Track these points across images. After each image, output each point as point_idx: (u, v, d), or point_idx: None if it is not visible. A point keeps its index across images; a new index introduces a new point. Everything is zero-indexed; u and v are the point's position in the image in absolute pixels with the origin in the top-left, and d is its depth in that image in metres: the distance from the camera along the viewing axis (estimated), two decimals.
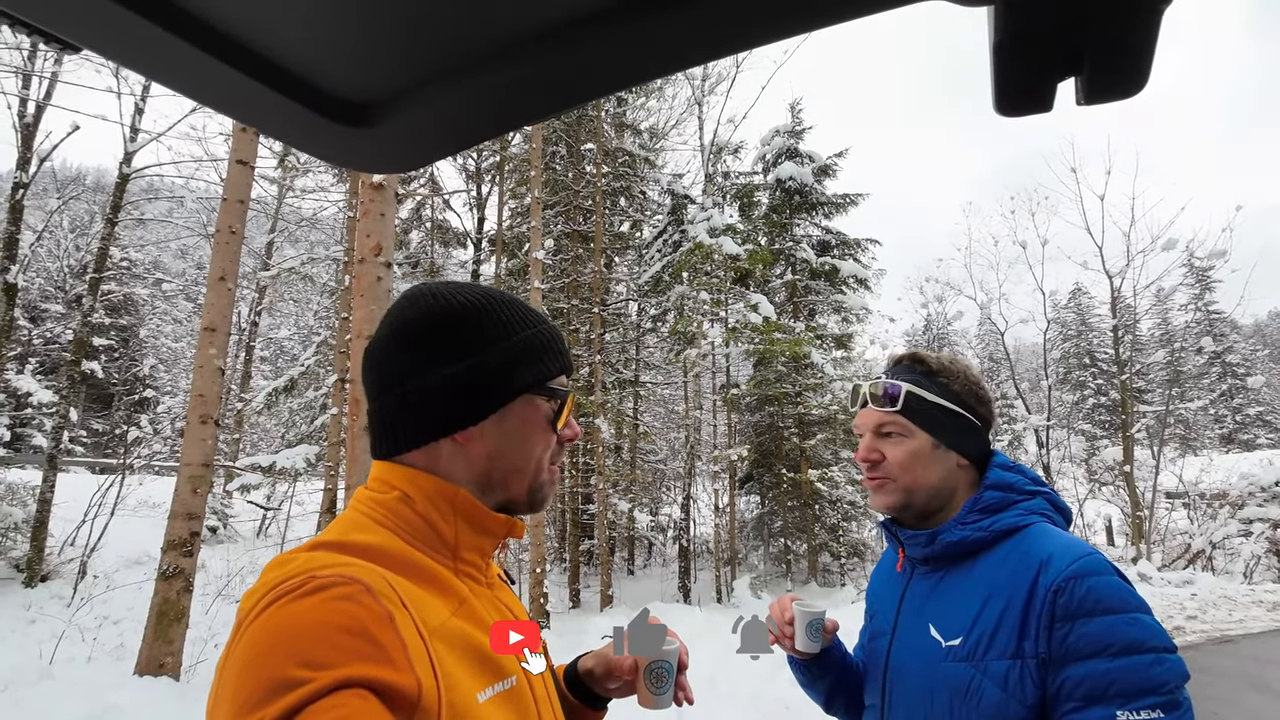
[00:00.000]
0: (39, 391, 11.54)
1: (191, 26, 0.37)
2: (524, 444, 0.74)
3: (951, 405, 1.07)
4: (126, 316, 24.61)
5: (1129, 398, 14.10)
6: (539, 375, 0.74)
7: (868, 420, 1.12)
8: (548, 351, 0.76)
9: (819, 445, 12.57)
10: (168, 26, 0.36)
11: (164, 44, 0.37)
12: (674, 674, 0.86)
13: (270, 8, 0.38)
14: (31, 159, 8.88)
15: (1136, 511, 12.75)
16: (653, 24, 0.37)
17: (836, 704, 1.24)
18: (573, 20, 0.38)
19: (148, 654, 5.19)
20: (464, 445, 0.71)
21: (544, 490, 0.77)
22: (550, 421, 0.76)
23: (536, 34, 0.40)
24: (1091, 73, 0.33)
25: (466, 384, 0.70)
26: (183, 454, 5.57)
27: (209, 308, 5.85)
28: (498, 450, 0.73)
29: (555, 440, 0.78)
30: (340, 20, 0.39)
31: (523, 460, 0.74)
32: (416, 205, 14.72)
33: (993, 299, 16.28)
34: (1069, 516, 1.08)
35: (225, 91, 0.43)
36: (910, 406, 1.07)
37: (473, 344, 0.71)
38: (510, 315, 0.75)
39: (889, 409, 1.08)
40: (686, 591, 11.56)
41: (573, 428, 0.80)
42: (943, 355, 1.13)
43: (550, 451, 0.77)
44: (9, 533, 8.92)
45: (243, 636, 0.53)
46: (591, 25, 0.38)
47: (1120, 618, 0.87)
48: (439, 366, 0.70)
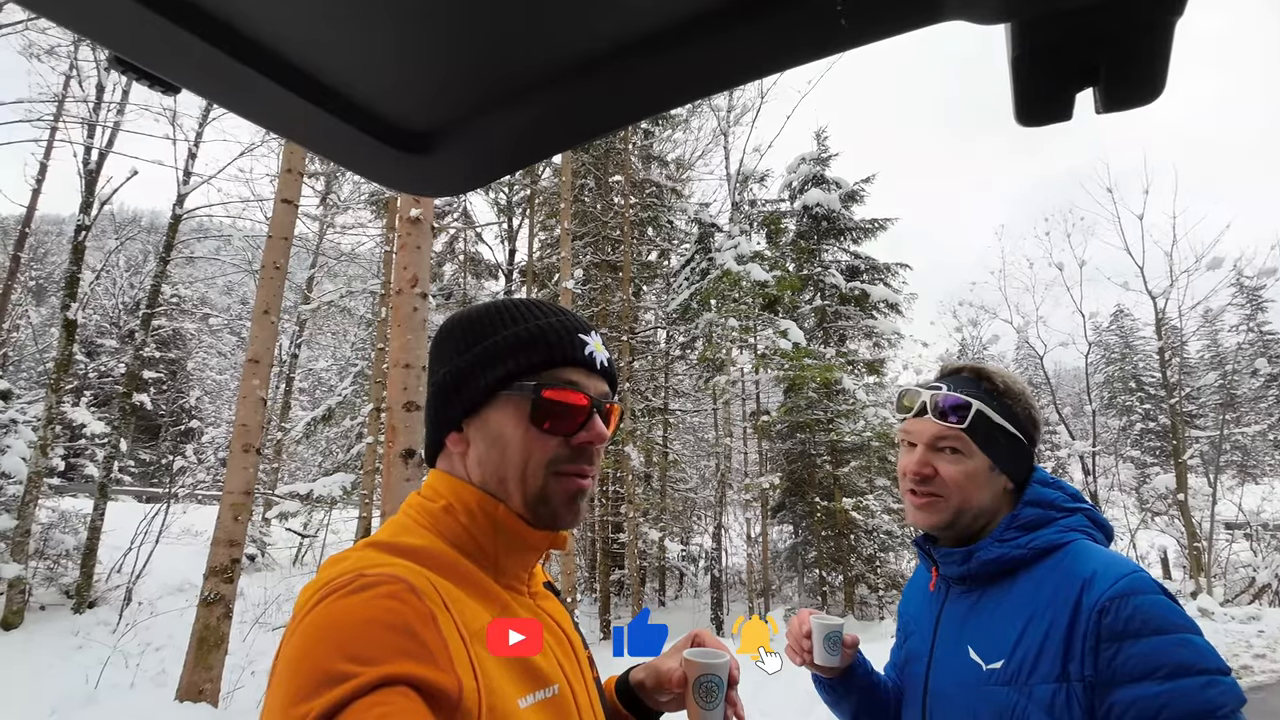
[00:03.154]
0: (92, 423, 12.05)
1: (278, 67, 0.42)
2: (504, 447, 0.69)
3: (1013, 429, 1.03)
4: (175, 350, 25.62)
5: (1179, 423, 13.51)
6: (510, 371, 0.69)
7: (924, 431, 1.06)
8: (531, 346, 0.70)
9: (853, 473, 12.30)
10: (258, 68, 0.41)
11: (253, 83, 0.42)
12: (724, 689, 0.83)
13: (347, 50, 0.42)
14: (93, 203, 9.42)
15: (1194, 543, 12.10)
16: (693, 50, 0.40)
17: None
18: (615, 51, 0.41)
19: (188, 680, 5.28)
20: (455, 452, 0.73)
21: (551, 501, 0.70)
22: (530, 419, 0.69)
23: (580, 65, 0.43)
24: (1108, 83, 0.35)
25: (441, 390, 0.73)
26: (226, 482, 5.74)
27: (254, 340, 6.07)
28: (484, 456, 0.70)
29: (555, 442, 0.69)
30: (402, 57, 0.43)
31: (505, 465, 0.69)
32: (450, 238, 15.14)
33: (1030, 322, 15.88)
34: (1110, 534, 1.04)
35: (301, 124, 0.48)
36: (975, 425, 1.02)
37: (454, 351, 0.73)
38: (500, 318, 0.73)
39: (954, 424, 1.02)
40: (719, 623, 11.31)
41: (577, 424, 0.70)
42: (1005, 374, 1.08)
43: (549, 455, 0.69)
44: (60, 560, 9.24)
45: (296, 629, 0.56)
46: (630, 56, 0.41)
47: (1169, 638, 0.83)
48: (433, 377, 0.75)
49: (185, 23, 0.37)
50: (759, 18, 0.38)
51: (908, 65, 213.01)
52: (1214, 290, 15.11)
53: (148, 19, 0.36)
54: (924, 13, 0.36)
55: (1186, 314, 14.15)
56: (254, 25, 0.39)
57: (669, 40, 0.40)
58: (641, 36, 0.40)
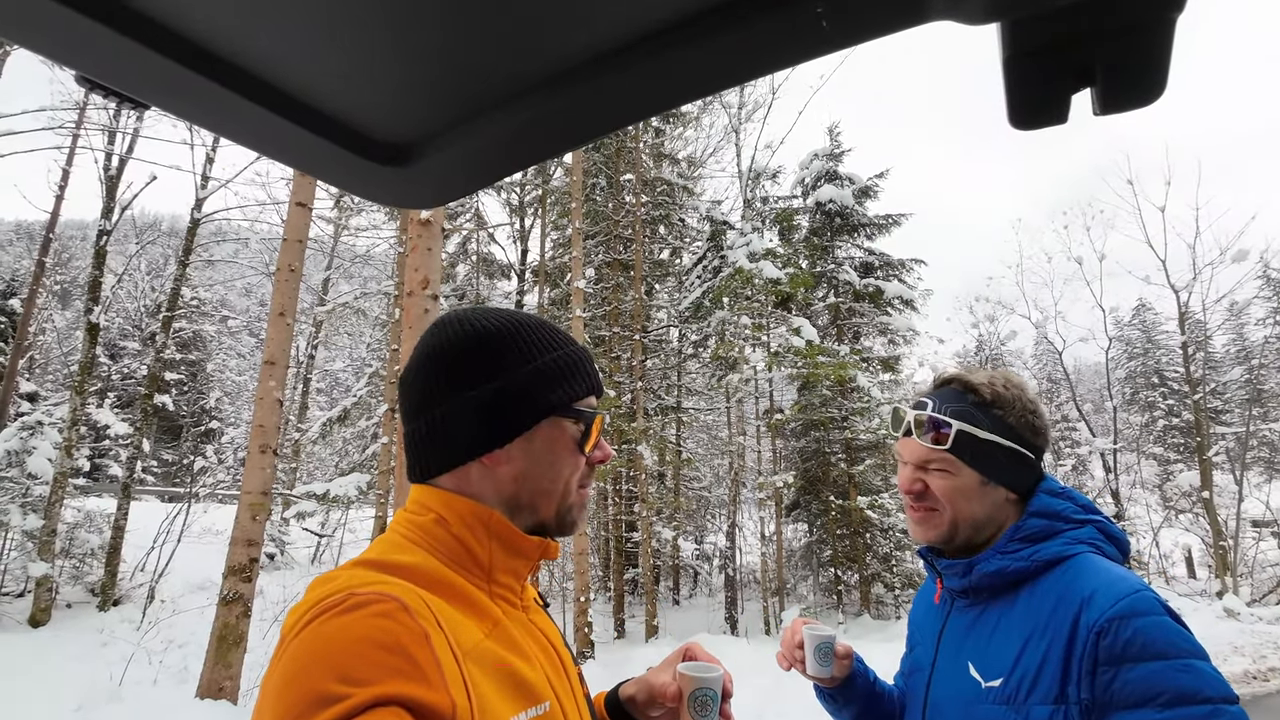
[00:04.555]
0: (116, 424, 12.30)
1: (247, 83, 0.41)
2: (551, 466, 0.74)
3: (1005, 441, 0.99)
4: (195, 352, 26.04)
5: (1204, 419, 13.24)
6: (565, 397, 0.74)
7: (911, 452, 1.05)
8: (575, 373, 0.76)
9: (868, 471, 12.20)
10: (227, 84, 0.41)
11: (222, 100, 0.42)
12: (719, 702, 0.83)
13: (314, 65, 0.42)
14: (114, 208, 9.59)
15: (1219, 541, 11.86)
16: (668, 60, 0.39)
17: None
18: (594, 59, 0.40)
19: (208, 677, 5.37)
20: (492, 468, 0.72)
21: (573, 513, 0.77)
22: (578, 443, 0.76)
23: (552, 76, 0.42)
24: (1105, 84, 0.33)
25: (491, 407, 0.71)
26: (244, 482, 5.82)
27: (270, 342, 6.15)
28: (525, 473, 0.73)
29: (584, 463, 0.77)
30: (374, 69, 0.43)
31: (550, 482, 0.74)
32: (463, 240, 15.21)
33: (1048, 317, 15.68)
34: (1125, 548, 1.00)
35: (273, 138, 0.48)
36: (960, 444, 0.99)
37: (497, 368, 0.72)
38: (536, 338, 0.75)
39: (937, 448, 1.00)
40: (734, 622, 11.27)
41: (603, 450, 0.79)
42: (995, 379, 1.03)
43: (579, 474, 0.77)
44: (86, 558, 9.43)
45: (285, 651, 0.55)
46: (608, 63, 0.40)
47: (1171, 664, 0.80)
48: (464, 391, 0.71)
49: (148, 41, 0.36)
50: (738, 22, 0.37)
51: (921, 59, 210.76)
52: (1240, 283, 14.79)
53: (109, 39, 0.36)
54: (908, 13, 0.35)
55: (1211, 308, 13.87)
56: (219, 40, 0.38)
57: (650, 47, 0.39)
58: (620, 44, 0.39)
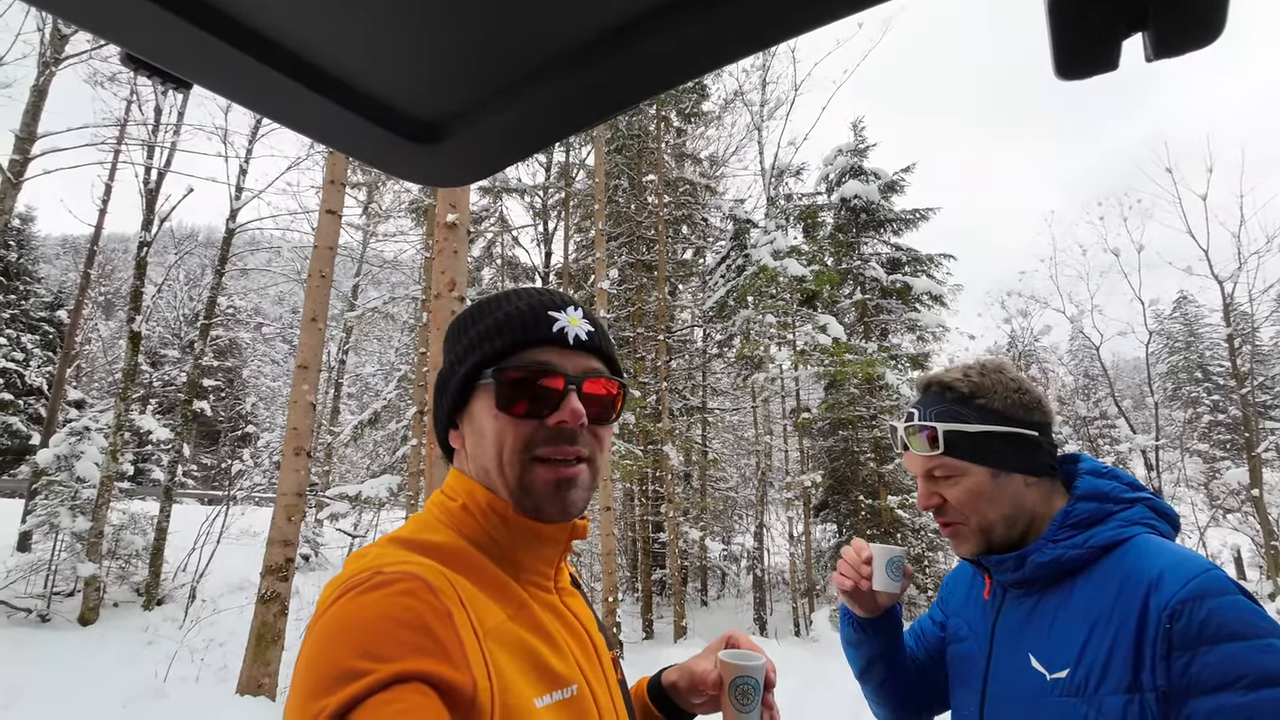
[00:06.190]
0: (158, 429, 12.70)
1: (287, 60, 0.42)
2: (482, 436, 0.69)
3: (998, 428, 0.98)
4: (231, 359, 26.80)
5: (1252, 414, 12.74)
6: (481, 360, 0.69)
7: (915, 465, 1.04)
8: (499, 332, 0.70)
9: (898, 470, 11.99)
10: (268, 61, 0.41)
11: (262, 76, 0.42)
12: (760, 691, 0.81)
13: (352, 41, 0.42)
14: (153, 220, 9.92)
15: (1270, 541, 11.39)
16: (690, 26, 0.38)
17: (872, 674, 1.17)
18: (630, 23, 0.40)
19: (248, 674, 5.50)
20: (461, 450, 0.75)
21: (532, 491, 0.67)
22: (499, 404, 0.67)
23: (582, 48, 0.42)
24: (1158, 25, 0.31)
25: (439, 389, 0.76)
26: (279, 484, 5.96)
27: (302, 347, 6.29)
28: (473, 450, 0.71)
29: (522, 426, 0.67)
30: (411, 45, 0.43)
31: (485, 457, 0.69)
32: (487, 243, 15.39)
33: (1084, 311, 15.22)
34: (1177, 524, 0.97)
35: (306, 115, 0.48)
36: (952, 444, 0.98)
37: (450, 350, 0.76)
38: (480, 311, 0.74)
39: (930, 452, 1.00)
40: (763, 623, 11.18)
41: (536, 403, 0.67)
42: (970, 369, 1.03)
43: (518, 439, 0.67)
44: (131, 559, 9.76)
45: (315, 627, 0.56)
46: (634, 34, 0.40)
47: (1251, 644, 0.76)
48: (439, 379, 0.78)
49: (193, 17, 0.37)
50: None
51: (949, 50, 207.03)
52: None
53: (155, 15, 0.37)
54: None
55: (1258, 298, 13.33)
56: (260, 17, 0.39)
57: (679, 14, 0.39)
58: (652, 9, 0.39)
